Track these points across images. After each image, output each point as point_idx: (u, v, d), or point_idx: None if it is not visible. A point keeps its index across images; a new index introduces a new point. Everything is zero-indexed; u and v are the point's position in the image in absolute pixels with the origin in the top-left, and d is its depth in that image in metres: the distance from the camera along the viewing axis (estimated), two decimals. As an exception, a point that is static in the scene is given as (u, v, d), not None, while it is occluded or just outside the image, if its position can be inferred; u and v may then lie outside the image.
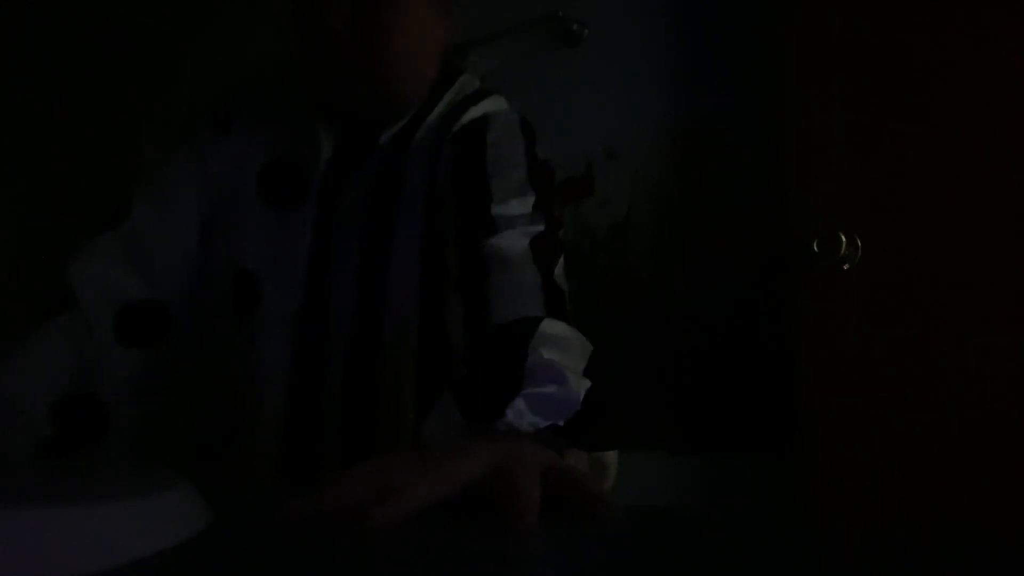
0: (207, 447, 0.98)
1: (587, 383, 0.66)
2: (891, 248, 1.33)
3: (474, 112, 0.94)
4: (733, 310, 1.62)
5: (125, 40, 2.35)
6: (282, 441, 0.91)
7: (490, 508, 0.46)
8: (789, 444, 1.41)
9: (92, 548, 0.32)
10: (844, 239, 1.35)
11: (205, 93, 2.03)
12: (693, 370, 1.65)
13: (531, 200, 0.86)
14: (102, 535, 0.33)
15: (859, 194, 1.37)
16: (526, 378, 0.63)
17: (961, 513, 1.19)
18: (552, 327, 0.72)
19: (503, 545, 0.42)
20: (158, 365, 0.94)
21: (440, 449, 0.58)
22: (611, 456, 0.69)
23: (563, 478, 0.49)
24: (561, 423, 0.60)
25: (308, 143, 0.93)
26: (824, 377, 1.36)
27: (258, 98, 1.00)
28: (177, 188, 0.95)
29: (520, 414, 0.59)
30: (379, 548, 0.40)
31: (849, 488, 1.30)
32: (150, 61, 2.36)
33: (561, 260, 0.87)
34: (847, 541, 0.43)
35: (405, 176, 0.91)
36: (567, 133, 1.83)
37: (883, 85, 1.37)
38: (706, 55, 1.73)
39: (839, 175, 1.39)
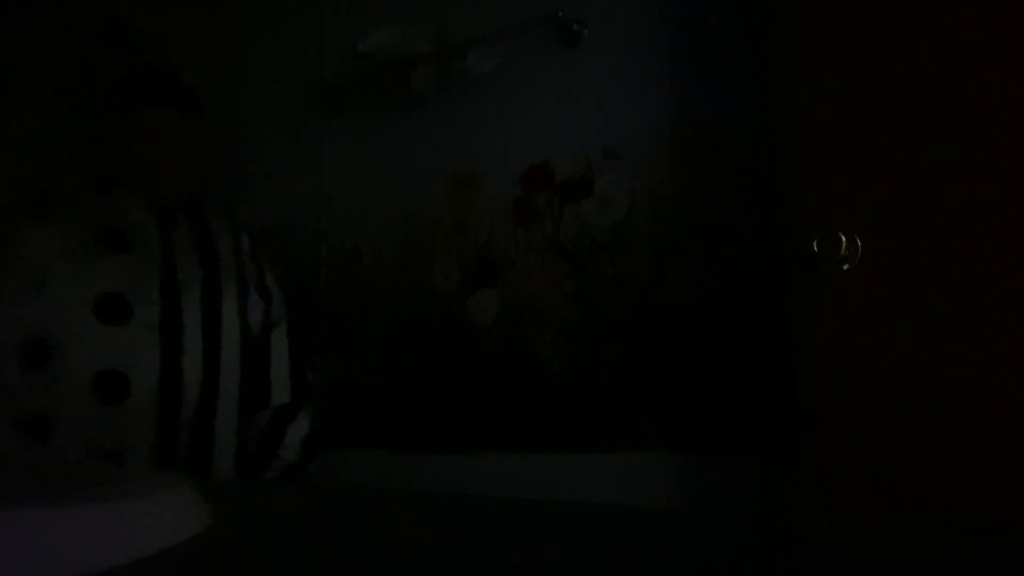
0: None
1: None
2: (891, 248, 1.33)
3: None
4: (733, 310, 1.62)
5: (125, 40, 2.35)
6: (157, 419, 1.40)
7: None
8: (788, 444, 1.41)
9: (92, 548, 0.32)
10: (844, 239, 1.35)
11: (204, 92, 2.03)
12: (693, 370, 1.65)
13: None
14: (102, 535, 0.33)
15: (859, 194, 1.37)
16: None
17: (960, 514, 1.19)
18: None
19: (504, 544, 0.42)
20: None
21: None
22: None
23: None
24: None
25: (137, 212, 1.51)
26: (823, 377, 1.36)
27: (74, 190, 1.57)
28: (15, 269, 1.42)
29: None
30: (378, 547, 0.40)
31: (847, 489, 1.30)
32: (150, 61, 2.36)
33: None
34: (845, 541, 0.44)
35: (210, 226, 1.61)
36: (567, 133, 1.83)
37: (883, 85, 1.37)
38: (706, 55, 1.73)
39: (839, 175, 1.39)
